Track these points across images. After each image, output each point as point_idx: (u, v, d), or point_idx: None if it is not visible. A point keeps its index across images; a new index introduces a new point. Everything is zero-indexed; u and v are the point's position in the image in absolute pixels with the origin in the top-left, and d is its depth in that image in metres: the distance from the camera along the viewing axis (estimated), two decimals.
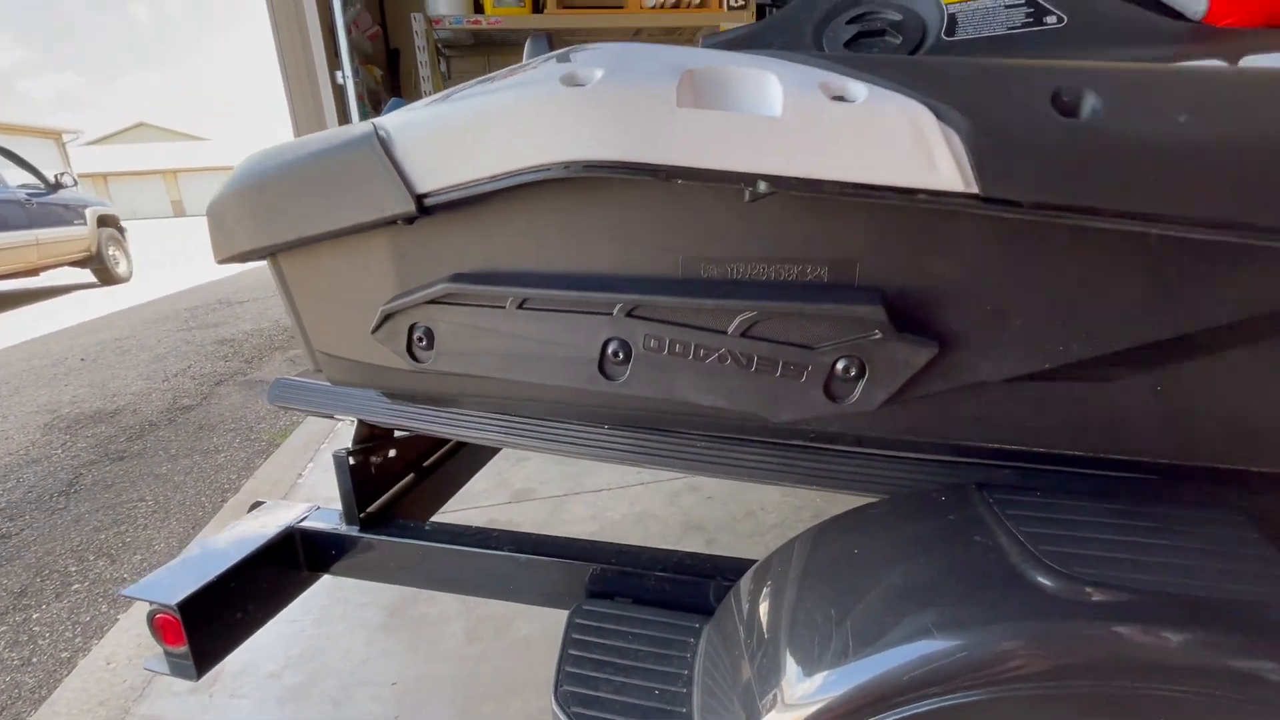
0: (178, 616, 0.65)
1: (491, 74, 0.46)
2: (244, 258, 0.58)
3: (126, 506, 1.95)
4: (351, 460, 0.79)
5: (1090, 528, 0.45)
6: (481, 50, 3.56)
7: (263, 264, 0.63)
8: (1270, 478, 0.45)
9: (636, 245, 0.44)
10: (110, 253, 7.23)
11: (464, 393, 0.58)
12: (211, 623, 0.69)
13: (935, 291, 0.40)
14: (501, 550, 0.76)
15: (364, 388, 0.66)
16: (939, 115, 0.35)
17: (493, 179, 0.40)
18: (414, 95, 3.29)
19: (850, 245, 0.41)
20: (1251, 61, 0.55)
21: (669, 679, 0.63)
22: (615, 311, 0.45)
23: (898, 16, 0.68)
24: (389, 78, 3.37)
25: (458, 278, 0.48)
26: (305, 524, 0.81)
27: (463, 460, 1.02)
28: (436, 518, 0.98)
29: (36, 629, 1.42)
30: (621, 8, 3.21)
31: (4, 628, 1.43)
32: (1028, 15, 0.64)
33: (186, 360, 3.70)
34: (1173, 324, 0.39)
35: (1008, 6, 0.65)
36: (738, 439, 0.58)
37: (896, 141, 0.35)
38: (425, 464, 0.96)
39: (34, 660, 1.32)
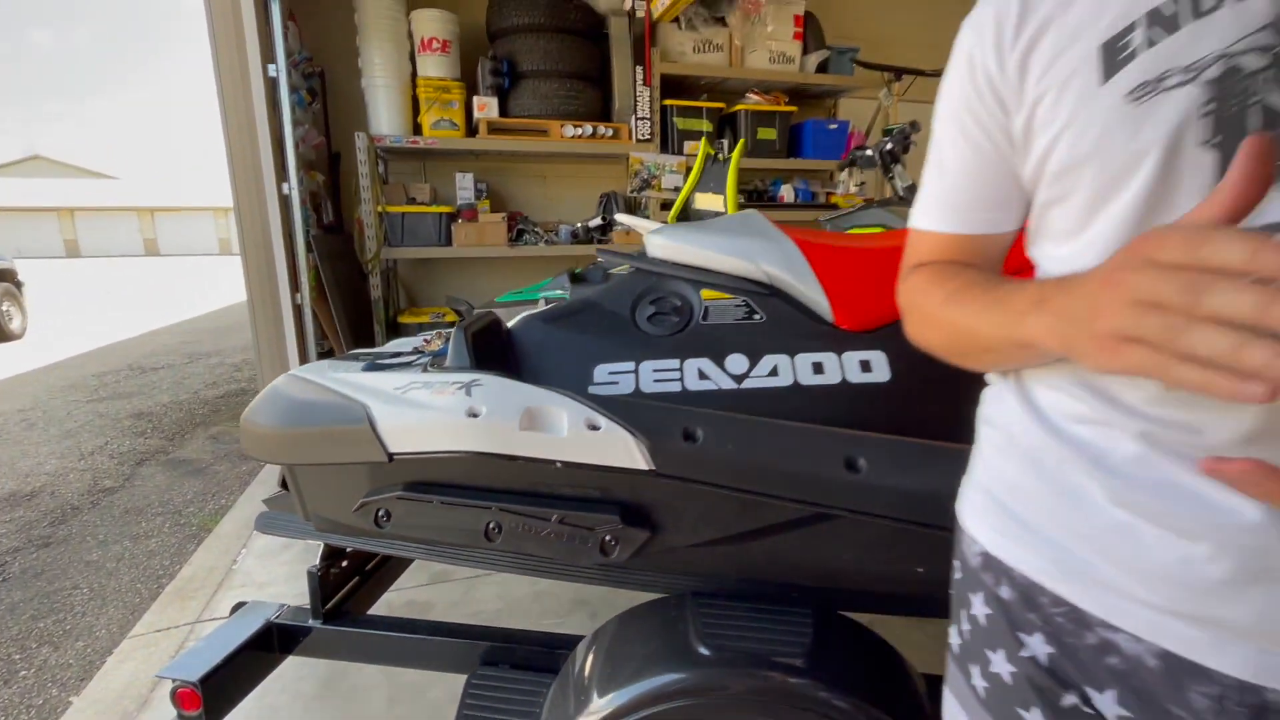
0: (199, 690, 0.98)
1: (431, 378, 0.88)
2: (267, 463, 0.96)
3: (61, 595, 2.12)
4: (319, 572, 1.15)
5: (736, 619, 0.89)
6: (418, 157, 3.99)
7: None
8: (812, 588, 0.91)
9: (503, 475, 0.87)
10: (4, 308, 6.97)
11: (411, 541, 0.98)
12: (218, 693, 1.02)
13: (646, 506, 0.85)
14: (422, 635, 1.14)
15: (342, 535, 1.04)
16: (634, 435, 0.80)
17: (429, 452, 0.82)
18: (353, 198, 3.65)
19: (606, 484, 0.85)
20: (850, 354, 1.05)
21: (528, 717, 1.02)
22: (493, 508, 0.87)
23: (679, 303, 1.15)
24: (330, 181, 3.73)
25: (408, 486, 0.88)
26: (279, 619, 1.16)
27: (394, 565, 1.39)
28: (374, 607, 1.33)
29: None
30: (545, 134, 3.73)
31: None
32: (745, 313, 1.13)
33: (102, 436, 3.76)
34: (757, 520, 0.85)
35: (735, 305, 1.14)
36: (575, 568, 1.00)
37: (618, 448, 0.80)
38: (367, 568, 1.32)
39: None
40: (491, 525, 0.88)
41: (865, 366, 1.04)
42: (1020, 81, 0.51)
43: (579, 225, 3.99)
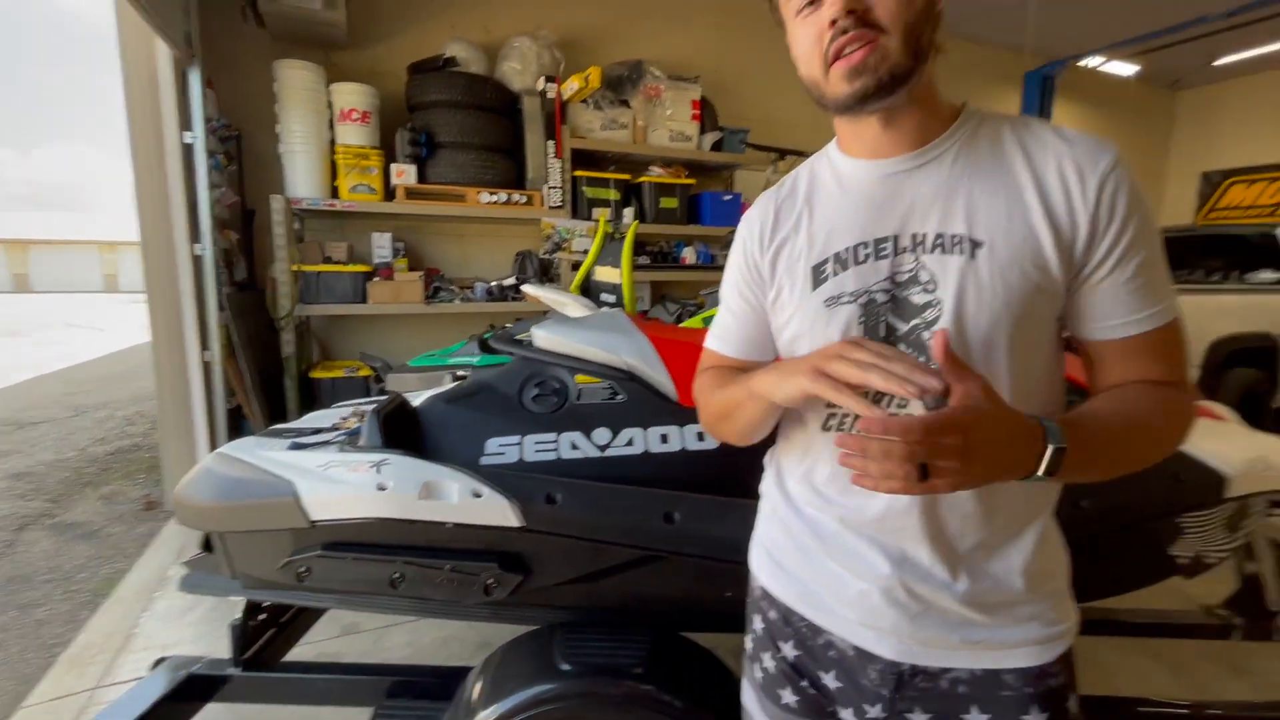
0: None
1: (347, 457, 1.11)
2: (200, 530, 1.15)
3: None
4: (239, 624, 1.32)
5: (592, 641, 1.15)
6: (335, 216, 4.11)
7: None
8: (654, 614, 1.19)
9: (406, 535, 1.10)
10: None
11: (327, 592, 1.18)
12: None
13: (519, 554, 1.11)
14: (333, 675, 1.32)
15: (266, 590, 1.22)
16: (509, 500, 1.06)
17: (345, 519, 1.05)
18: (267, 256, 3.74)
19: (488, 539, 1.10)
20: (689, 427, 1.35)
21: None
22: (397, 561, 1.10)
23: (558, 386, 1.43)
24: (244, 240, 3.80)
25: (326, 546, 1.10)
26: (199, 671, 1.31)
27: (307, 617, 1.55)
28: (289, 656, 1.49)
29: None
30: (462, 199, 3.98)
31: None
32: (610, 394, 1.42)
33: None
34: (604, 562, 1.13)
35: (602, 388, 1.43)
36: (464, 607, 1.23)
37: (496, 511, 1.06)
38: (282, 620, 1.48)
39: None
40: (396, 575, 1.11)
41: (700, 436, 1.34)
42: (771, 271, 0.83)
43: (494, 283, 4.23)
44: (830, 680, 0.81)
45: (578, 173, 4.31)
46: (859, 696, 0.78)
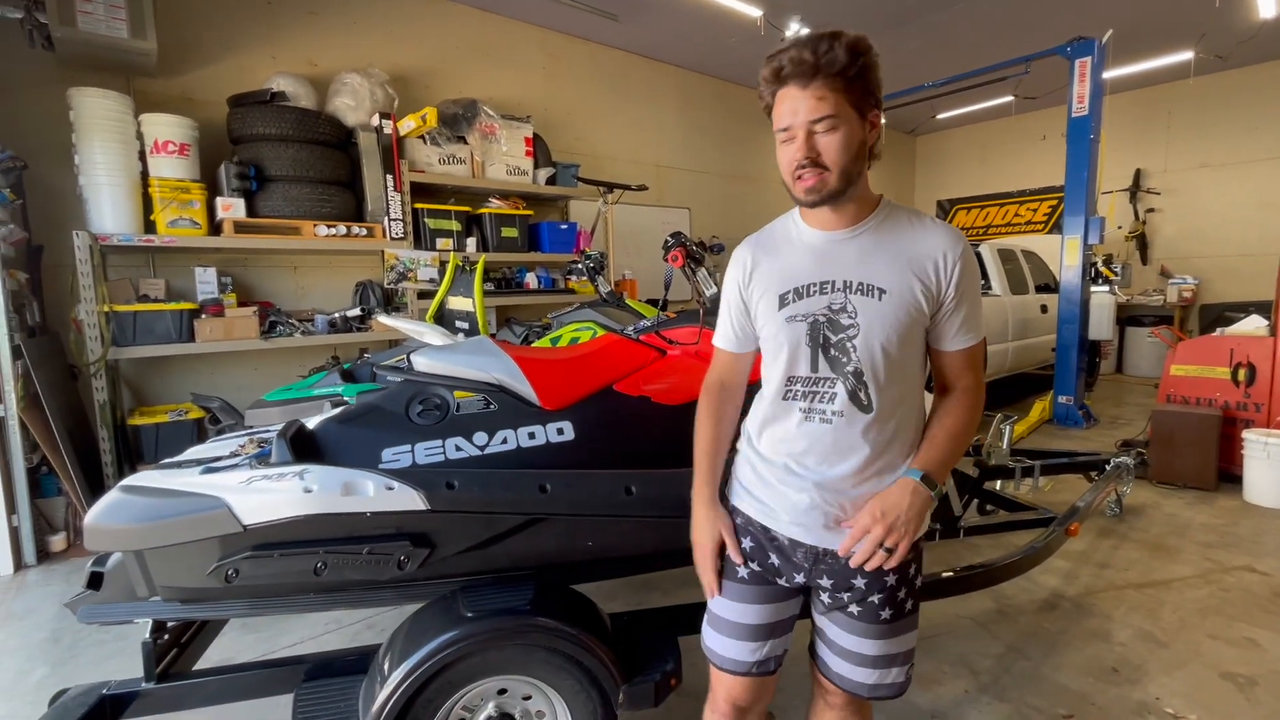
0: None
1: (269, 471, 1.34)
2: (119, 550, 1.30)
3: None
4: (149, 642, 1.45)
5: (488, 592, 1.49)
6: (144, 252, 3.87)
7: None
8: (544, 567, 1.57)
9: (329, 528, 1.36)
10: None
11: (251, 594, 1.38)
12: None
13: (426, 533, 1.42)
14: (249, 671, 1.50)
15: (193, 600, 1.39)
16: (416, 489, 1.38)
17: (277, 519, 1.28)
18: (67, 297, 3.46)
19: (400, 522, 1.40)
20: (550, 425, 1.74)
21: (350, 702, 1.46)
22: (320, 551, 1.36)
23: (439, 402, 1.74)
24: (32, 280, 3.47)
25: (256, 547, 1.32)
26: (112, 691, 1.42)
27: (208, 631, 1.68)
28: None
29: None
30: (298, 233, 3.98)
31: None
32: (484, 405, 1.76)
33: None
34: (496, 529, 1.48)
35: (477, 400, 1.77)
36: (377, 587, 1.50)
37: (406, 499, 1.36)
38: (183, 640, 1.61)
39: None
40: (319, 564, 1.36)
41: (560, 431, 1.73)
42: (750, 295, 1.24)
43: (337, 315, 4.24)
44: (775, 559, 1.21)
45: (418, 205, 4.49)
46: (791, 569, 1.20)
